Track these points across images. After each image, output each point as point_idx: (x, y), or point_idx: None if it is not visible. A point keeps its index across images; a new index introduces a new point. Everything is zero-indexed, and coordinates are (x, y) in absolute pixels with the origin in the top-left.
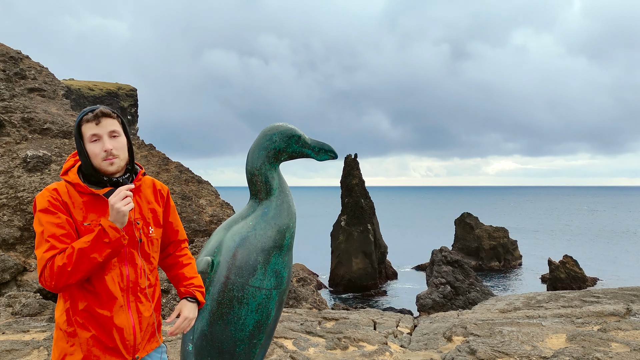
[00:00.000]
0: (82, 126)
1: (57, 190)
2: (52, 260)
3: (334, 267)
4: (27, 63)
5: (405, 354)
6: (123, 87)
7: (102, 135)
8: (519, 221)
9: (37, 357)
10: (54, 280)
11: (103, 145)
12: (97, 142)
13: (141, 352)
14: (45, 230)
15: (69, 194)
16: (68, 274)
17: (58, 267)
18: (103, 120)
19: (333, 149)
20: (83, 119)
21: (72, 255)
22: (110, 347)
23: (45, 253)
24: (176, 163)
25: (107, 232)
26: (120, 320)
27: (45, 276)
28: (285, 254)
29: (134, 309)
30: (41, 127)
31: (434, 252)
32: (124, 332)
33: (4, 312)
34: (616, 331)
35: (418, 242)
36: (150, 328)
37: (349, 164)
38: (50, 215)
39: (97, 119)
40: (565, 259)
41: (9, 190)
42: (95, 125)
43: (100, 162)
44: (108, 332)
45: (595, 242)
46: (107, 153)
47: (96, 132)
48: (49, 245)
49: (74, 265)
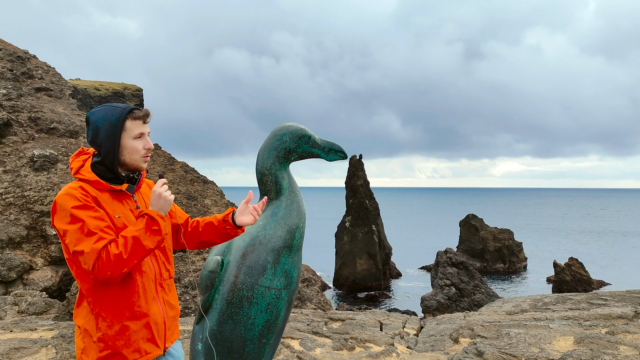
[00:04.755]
0: (129, 121)
1: (83, 187)
2: (106, 249)
3: (338, 268)
4: (34, 63)
5: (412, 355)
6: (129, 87)
7: (146, 134)
8: (525, 223)
9: (45, 355)
10: (110, 269)
11: (146, 144)
12: (141, 140)
13: (169, 341)
14: (87, 223)
15: (94, 190)
16: (124, 262)
17: (114, 255)
18: (148, 120)
19: (343, 149)
20: (131, 114)
21: (126, 243)
22: (148, 337)
23: (96, 244)
24: (181, 163)
25: (155, 220)
26: (154, 310)
27: (98, 267)
28: (295, 253)
29: (161, 299)
30: (48, 126)
31: (439, 254)
32: (158, 322)
33: (10, 310)
34: (624, 334)
35: (423, 244)
36: (175, 318)
37: (354, 165)
38: (89, 210)
39: (146, 117)
40: (571, 261)
41: (16, 189)
42: (142, 124)
43: (139, 157)
44: (146, 323)
45: (601, 244)
46: (147, 151)
47: (143, 131)
48: (97, 237)
49: (129, 254)
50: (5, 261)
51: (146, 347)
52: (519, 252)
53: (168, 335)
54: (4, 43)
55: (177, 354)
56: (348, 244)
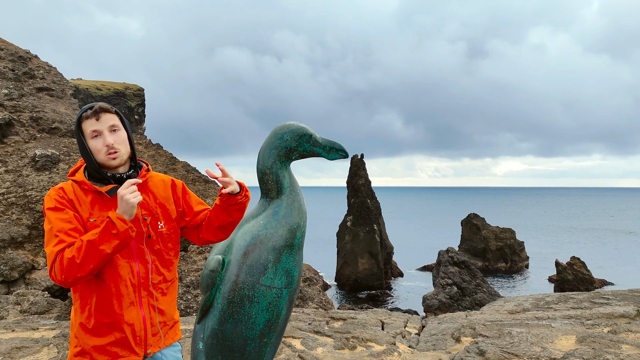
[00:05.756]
0: (82, 123)
1: (63, 189)
2: (62, 253)
3: (340, 267)
4: (36, 62)
5: (414, 354)
6: (130, 86)
7: (103, 131)
8: (526, 222)
9: (47, 354)
10: (64, 273)
11: (104, 140)
12: (98, 138)
13: (153, 347)
14: (54, 226)
15: (75, 192)
16: (77, 266)
17: (67, 259)
18: (102, 115)
19: (344, 147)
20: (82, 116)
21: (81, 247)
22: (121, 342)
23: (55, 247)
24: (183, 163)
25: (114, 224)
26: (131, 316)
27: (55, 270)
28: (296, 253)
29: (145, 304)
30: (49, 126)
31: (441, 253)
32: (135, 327)
33: (12, 309)
34: (627, 333)
35: (424, 243)
36: (166, 323)
37: (355, 164)
38: (58, 212)
39: (96, 114)
40: (573, 260)
41: (18, 189)
42: (95, 121)
43: (104, 157)
44: (119, 327)
45: (603, 243)
46: (108, 147)
47: (96, 128)
48: (57, 240)
49: (82, 258)
50: (8, 261)
51: (117, 350)
52: (520, 252)
53: (153, 341)
54: (5, 43)
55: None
56: (349, 244)
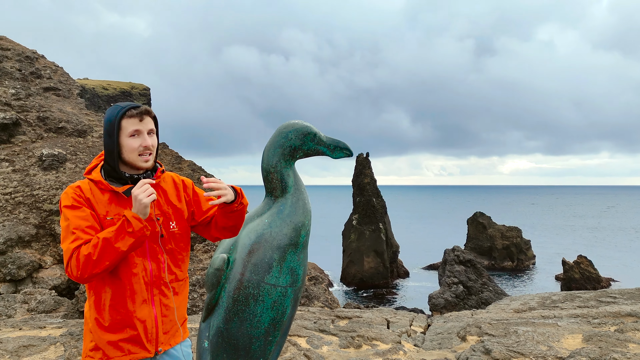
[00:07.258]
0: (124, 120)
1: (80, 187)
2: (78, 250)
3: (346, 266)
4: (43, 62)
5: (419, 353)
6: (137, 86)
7: (143, 132)
8: (533, 221)
9: (54, 352)
10: (79, 270)
11: (143, 141)
12: (137, 138)
13: (164, 344)
14: (71, 223)
15: (92, 191)
16: (93, 263)
17: (84, 256)
18: (145, 117)
19: (348, 146)
20: (126, 114)
21: (97, 244)
22: (134, 339)
23: (71, 244)
24: (189, 162)
25: (130, 222)
26: (143, 313)
27: (71, 266)
28: (301, 251)
29: (157, 302)
30: (56, 126)
31: (446, 252)
32: (147, 324)
33: (20, 308)
34: (634, 332)
35: (430, 242)
36: (175, 321)
37: (361, 163)
38: (75, 210)
39: (141, 115)
40: (580, 259)
41: (25, 188)
42: (138, 122)
43: (136, 156)
44: (132, 324)
45: (610, 242)
46: (145, 149)
47: (138, 128)
48: (74, 237)
49: (98, 255)
50: (15, 260)
51: (129, 347)
52: (527, 250)
53: (164, 339)
54: (12, 43)
55: (176, 354)
56: (355, 242)
